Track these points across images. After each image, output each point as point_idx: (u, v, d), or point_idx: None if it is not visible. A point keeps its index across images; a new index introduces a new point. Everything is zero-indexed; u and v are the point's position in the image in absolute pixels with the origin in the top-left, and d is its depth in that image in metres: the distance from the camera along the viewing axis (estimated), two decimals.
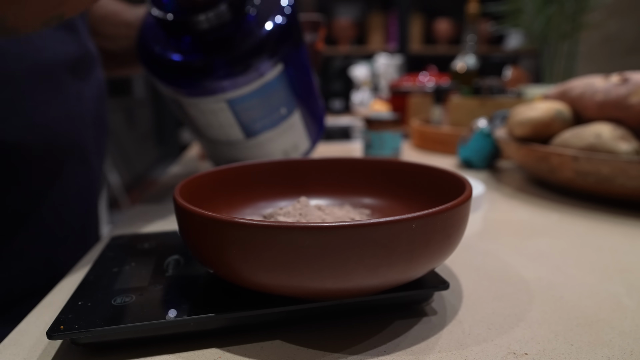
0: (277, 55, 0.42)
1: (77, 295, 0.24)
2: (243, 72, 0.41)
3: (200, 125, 0.46)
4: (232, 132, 0.45)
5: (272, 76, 0.42)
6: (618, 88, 0.49)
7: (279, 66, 0.42)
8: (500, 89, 0.82)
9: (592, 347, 0.22)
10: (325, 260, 0.20)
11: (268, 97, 0.44)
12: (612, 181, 0.44)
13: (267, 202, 0.35)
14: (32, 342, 0.23)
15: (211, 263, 0.23)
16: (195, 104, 0.43)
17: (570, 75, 1.04)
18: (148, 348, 0.23)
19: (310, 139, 0.51)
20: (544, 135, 0.54)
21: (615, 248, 0.36)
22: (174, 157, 3.68)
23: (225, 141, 0.47)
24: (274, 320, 0.24)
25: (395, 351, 0.22)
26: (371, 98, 1.66)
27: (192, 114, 0.45)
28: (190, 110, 0.44)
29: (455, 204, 0.22)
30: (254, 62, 0.41)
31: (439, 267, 0.32)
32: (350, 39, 2.88)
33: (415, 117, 1.03)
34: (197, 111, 0.44)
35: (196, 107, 0.43)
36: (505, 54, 2.92)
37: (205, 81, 0.41)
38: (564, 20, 1.00)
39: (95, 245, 0.38)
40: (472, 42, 1.03)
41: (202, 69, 0.41)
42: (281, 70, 0.43)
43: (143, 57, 0.44)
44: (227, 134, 0.46)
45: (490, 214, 0.45)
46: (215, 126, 0.45)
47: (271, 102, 0.44)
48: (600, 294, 0.28)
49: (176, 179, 0.62)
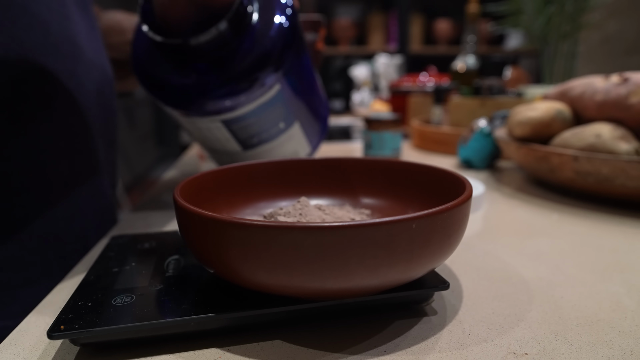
0: (276, 73, 0.39)
1: (78, 295, 0.25)
2: (238, 94, 0.38)
3: (198, 137, 0.46)
4: (228, 145, 0.45)
5: (269, 96, 0.40)
6: (618, 88, 0.49)
7: (277, 85, 0.40)
8: (500, 89, 0.82)
9: (592, 347, 0.22)
10: (325, 260, 0.20)
11: (265, 115, 0.42)
12: (612, 181, 0.44)
13: (267, 202, 0.35)
14: (32, 342, 0.23)
15: (211, 263, 0.23)
16: (191, 122, 0.42)
17: (570, 75, 1.04)
18: (148, 348, 0.23)
19: (311, 144, 0.51)
20: (544, 135, 0.54)
21: (616, 248, 0.36)
22: (174, 157, 3.68)
23: (222, 151, 0.47)
24: (274, 320, 0.24)
25: (396, 351, 0.22)
26: (371, 98, 1.66)
27: (189, 128, 0.44)
28: (187, 125, 0.43)
29: (455, 204, 0.22)
30: (250, 84, 0.38)
31: (439, 267, 0.32)
32: (350, 39, 2.88)
33: (415, 117, 1.03)
34: (193, 127, 0.43)
35: (192, 124, 0.42)
36: (505, 54, 2.92)
37: (200, 103, 0.39)
38: (564, 20, 1.00)
39: (96, 245, 0.38)
40: (472, 42, 1.03)
41: (196, 91, 0.38)
42: (279, 88, 0.40)
43: (137, 72, 0.42)
44: (224, 146, 0.45)
45: (490, 214, 0.45)
46: (212, 139, 0.44)
47: (269, 119, 0.42)
48: (600, 294, 0.28)
49: (176, 179, 0.62)
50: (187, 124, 0.43)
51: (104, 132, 0.46)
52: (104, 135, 0.46)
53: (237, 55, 0.38)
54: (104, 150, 0.46)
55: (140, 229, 0.41)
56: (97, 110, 0.44)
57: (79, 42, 0.41)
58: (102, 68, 0.46)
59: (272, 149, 0.46)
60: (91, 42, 0.44)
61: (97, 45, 0.46)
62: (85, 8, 0.44)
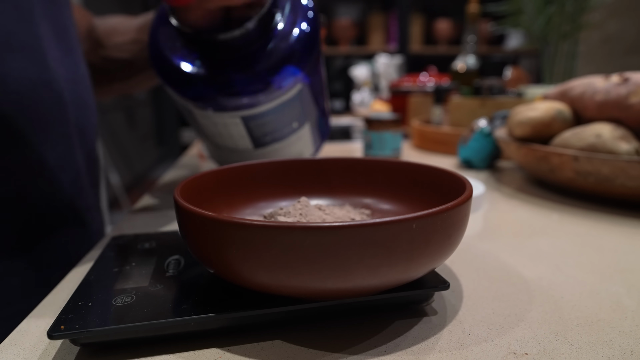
0: (299, 73, 0.40)
1: (78, 295, 0.25)
2: (263, 90, 0.39)
3: (209, 133, 0.45)
4: (241, 142, 0.45)
5: (290, 95, 0.41)
6: (618, 88, 0.49)
7: (298, 85, 0.41)
8: (501, 89, 0.82)
9: (593, 347, 0.22)
10: (325, 260, 0.20)
11: (283, 114, 0.43)
12: (613, 181, 0.44)
13: (267, 202, 0.35)
14: (32, 342, 0.23)
15: (211, 263, 0.23)
16: (208, 116, 0.42)
17: (571, 75, 1.04)
18: (148, 348, 0.23)
19: (314, 145, 0.51)
20: (544, 135, 0.54)
21: (616, 248, 0.36)
22: (175, 157, 3.68)
23: (232, 149, 0.47)
24: (275, 320, 0.24)
25: (396, 351, 0.22)
26: (371, 98, 1.66)
27: (203, 123, 0.44)
28: (202, 120, 0.43)
29: (455, 204, 0.22)
30: (275, 80, 0.39)
31: (439, 267, 0.32)
32: (351, 39, 2.88)
33: (416, 117, 1.03)
34: (208, 122, 0.43)
35: (209, 119, 0.42)
36: (505, 54, 2.92)
37: (224, 98, 0.39)
38: (564, 20, 1.00)
39: (97, 244, 0.38)
40: (472, 42, 1.03)
41: (222, 86, 0.39)
42: (300, 88, 0.42)
43: (156, 66, 0.42)
44: (236, 144, 0.45)
45: (490, 214, 0.45)
46: (225, 136, 0.44)
47: (285, 117, 0.43)
48: (600, 294, 0.28)
49: (176, 179, 0.62)
50: (202, 119, 0.43)
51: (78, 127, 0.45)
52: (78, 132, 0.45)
53: (264, 54, 0.39)
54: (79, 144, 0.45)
55: (140, 229, 0.41)
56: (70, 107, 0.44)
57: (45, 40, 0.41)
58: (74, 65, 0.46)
59: (282, 148, 0.47)
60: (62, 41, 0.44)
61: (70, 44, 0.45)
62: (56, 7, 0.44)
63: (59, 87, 0.41)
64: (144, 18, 0.54)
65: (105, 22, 0.55)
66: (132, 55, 0.54)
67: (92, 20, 0.57)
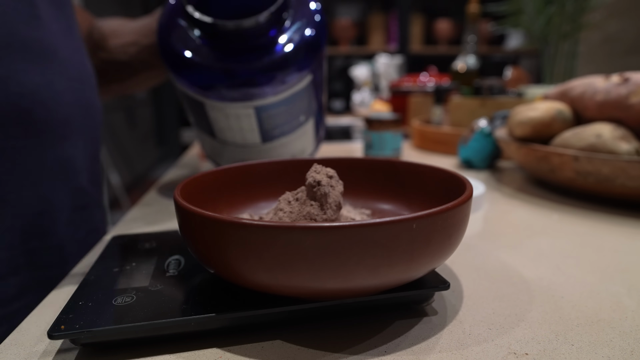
0: (313, 64, 0.42)
1: (78, 295, 0.25)
2: (281, 80, 0.41)
3: (218, 127, 0.46)
4: (250, 136, 0.46)
5: (301, 86, 0.43)
6: (618, 88, 0.49)
7: (309, 76, 0.43)
8: (501, 89, 0.82)
9: (593, 347, 0.22)
10: (325, 260, 0.20)
11: (293, 105, 0.44)
12: (613, 181, 0.44)
13: (267, 202, 0.35)
14: (32, 342, 0.23)
15: (212, 263, 0.23)
16: (221, 108, 0.43)
17: (571, 75, 1.04)
18: (148, 348, 0.23)
19: (315, 142, 0.52)
20: (544, 135, 0.54)
21: (616, 248, 0.36)
22: (175, 157, 3.68)
23: (240, 144, 0.47)
24: (275, 320, 0.24)
25: (396, 351, 0.22)
26: (372, 98, 1.66)
27: (213, 116, 0.44)
28: (212, 112, 0.44)
29: (455, 204, 0.22)
30: (292, 71, 0.41)
31: (439, 267, 0.32)
32: (351, 39, 2.88)
33: (416, 117, 1.03)
34: (220, 114, 0.44)
35: (220, 111, 0.43)
36: (505, 54, 2.92)
37: (242, 87, 0.41)
38: (564, 20, 1.00)
39: (97, 244, 0.38)
40: (472, 42, 1.03)
41: (239, 76, 0.40)
42: (310, 79, 0.43)
43: (168, 59, 0.43)
44: (245, 138, 0.46)
45: (490, 214, 0.45)
46: (235, 129, 0.45)
47: (295, 109, 0.45)
48: (600, 294, 0.28)
49: (177, 179, 0.62)
50: (213, 112, 0.44)
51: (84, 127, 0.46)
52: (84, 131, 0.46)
53: (277, 45, 0.41)
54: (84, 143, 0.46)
55: (140, 229, 0.41)
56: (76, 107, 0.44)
57: (52, 40, 0.41)
58: (80, 65, 0.46)
59: (287, 143, 0.48)
60: (68, 41, 0.44)
61: (75, 44, 0.46)
62: (61, 7, 0.44)
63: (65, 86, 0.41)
64: (143, 21, 0.54)
65: (105, 25, 0.56)
66: (131, 58, 0.54)
67: (93, 22, 0.57)
